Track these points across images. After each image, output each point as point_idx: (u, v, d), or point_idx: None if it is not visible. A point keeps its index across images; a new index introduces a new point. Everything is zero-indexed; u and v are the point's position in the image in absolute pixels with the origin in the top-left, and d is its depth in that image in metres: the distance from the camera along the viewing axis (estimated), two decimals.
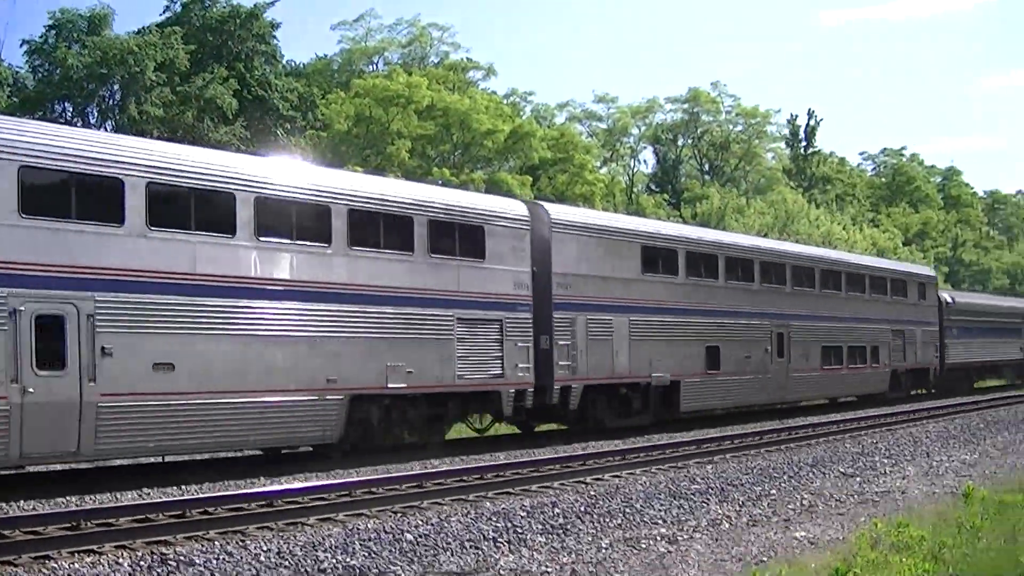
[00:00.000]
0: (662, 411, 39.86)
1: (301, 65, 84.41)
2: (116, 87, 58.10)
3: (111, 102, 59.12)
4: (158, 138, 41.45)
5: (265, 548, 16.51)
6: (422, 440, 30.44)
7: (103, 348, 22.80)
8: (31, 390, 21.54)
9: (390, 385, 29.09)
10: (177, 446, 25.32)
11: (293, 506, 19.85)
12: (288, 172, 28.77)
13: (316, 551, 16.51)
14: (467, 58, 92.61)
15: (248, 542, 16.93)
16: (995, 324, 72.24)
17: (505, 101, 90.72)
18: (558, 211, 37.46)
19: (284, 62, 74.26)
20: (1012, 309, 79.34)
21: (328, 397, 27.42)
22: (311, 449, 29.11)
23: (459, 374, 31.13)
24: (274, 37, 67.48)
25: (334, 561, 16.15)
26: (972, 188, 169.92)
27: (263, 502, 20.04)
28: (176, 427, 24.28)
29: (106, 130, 54.41)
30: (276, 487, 21.73)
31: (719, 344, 42.49)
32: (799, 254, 51.99)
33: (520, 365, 33.09)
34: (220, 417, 25.15)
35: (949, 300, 66.14)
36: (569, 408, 35.38)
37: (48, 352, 22.07)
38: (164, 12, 65.27)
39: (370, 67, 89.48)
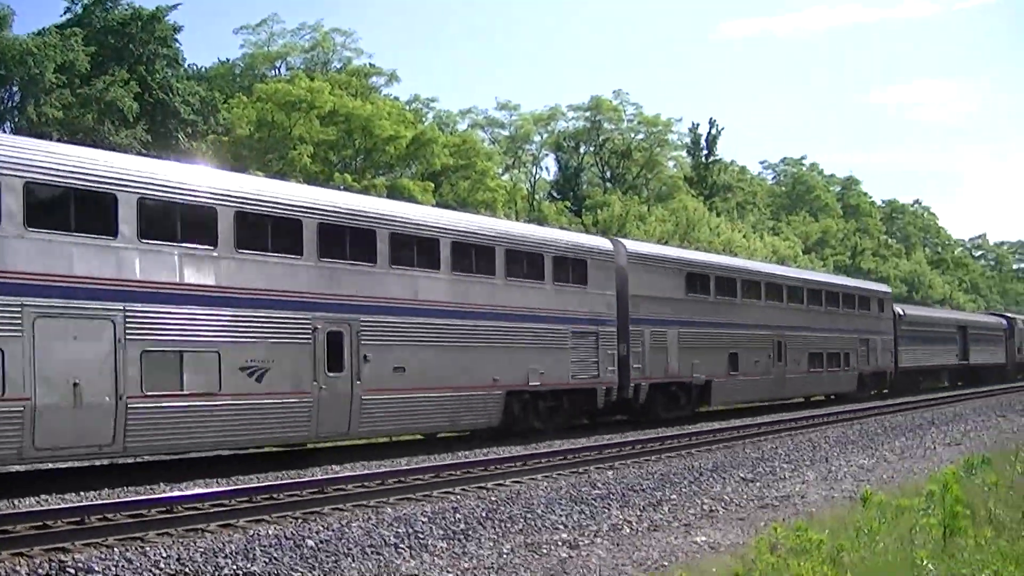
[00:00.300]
0: (698, 405, 49.39)
1: (203, 69, 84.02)
2: (15, 89, 57.46)
3: (10, 104, 58.48)
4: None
5: (165, 555, 16.43)
6: (545, 427, 38.29)
7: (365, 356, 30.71)
8: (323, 387, 29.31)
9: (531, 383, 37.62)
10: (405, 428, 34.19)
11: (193, 512, 19.68)
12: (473, 222, 38.84)
13: (216, 557, 16.45)
14: (370, 64, 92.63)
15: (148, 549, 16.83)
16: (937, 334, 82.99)
17: (407, 107, 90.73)
18: (632, 245, 47.23)
19: (186, 66, 73.83)
20: (949, 320, 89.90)
21: (493, 392, 35.90)
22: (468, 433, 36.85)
23: (572, 375, 39.90)
24: (176, 40, 67.10)
25: (235, 567, 16.11)
26: (870, 197, 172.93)
27: (163, 508, 19.85)
28: (406, 414, 32.45)
29: (3, 131, 53.88)
30: (176, 493, 21.59)
31: (738, 351, 51.36)
32: (793, 277, 63.31)
33: (609, 368, 41.99)
34: (431, 407, 33.33)
35: (901, 313, 76.05)
36: (639, 402, 44.20)
37: (333, 359, 29.78)
38: (65, 13, 64.90)
39: (273, 72, 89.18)
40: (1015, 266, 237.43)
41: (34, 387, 22.72)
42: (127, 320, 24.64)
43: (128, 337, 24.65)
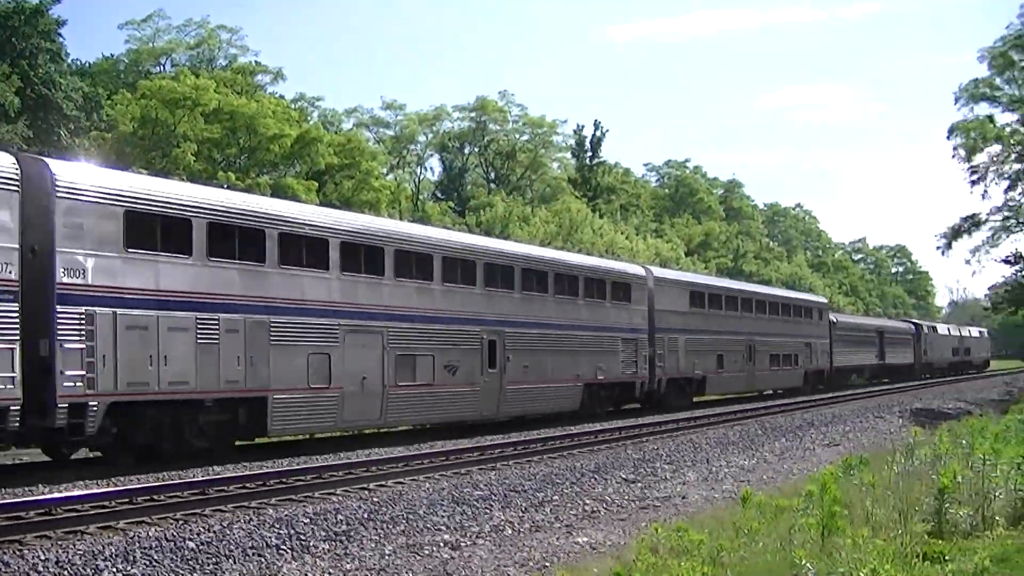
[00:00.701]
0: (694, 396, 59.74)
1: (87, 64, 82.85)
2: None
3: None
4: None
5: (43, 557, 16.24)
6: (603, 410, 49.44)
7: (507, 357, 41.63)
8: (485, 380, 40.48)
9: (598, 377, 48.42)
10: (529, 410, 44.16)
11: (73, 514, 19.38)
12: (560, 257, 52.10)
13: (96, 560, 16.29)
14: (255, 62, 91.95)
15: (25, 551, 16.62)
16: (861, 338, 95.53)
17: (293, 106, 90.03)
18: (659, 272, 60.11)
19: (70, 61, 72.69)
20: (871, 327, 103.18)
21: (576, 384, 46.91)
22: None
23: (621, 371, 50.58)
24: (59, 35, 65.89)
25: (115, 570, 15.98)
26: (753, 200, 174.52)
27: (42, 510, 19.53)
28: (529, 399, 43.69)
29: None
30: (56, 495, 21.23)
31: (723, 353, 62.25)
32: (761, 292, 75.40)
33: (643, 367, 52.69)
34: (542, 395, 44.37)
35: (835, 320, 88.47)
36: (660, 393, 54.59)
37: (491, 360, 40.79)
38: None
39: (157, 68, 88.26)
40: (893, 270, 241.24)
41: (343, 380, 33.22)
42: (388, 334, 35.38)
43: (389, 345, 35.35)
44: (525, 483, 25.93)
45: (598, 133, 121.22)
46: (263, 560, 17.34)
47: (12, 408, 23.77)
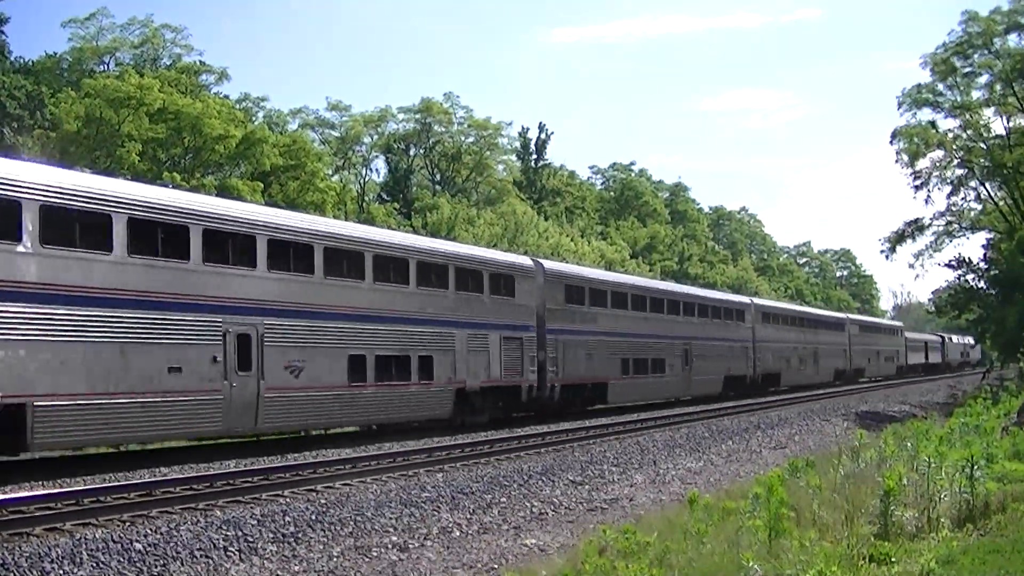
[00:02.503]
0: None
1: (30, 62, 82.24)
2: None
3: None
4: None
5: None
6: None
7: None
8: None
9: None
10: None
11: (18, 516, 19.28)
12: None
13: (43, 562, 16.19)
14: (200, 61, 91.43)
15: None
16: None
17: (237, 106, 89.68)
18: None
19: (12, 59, 72.18)
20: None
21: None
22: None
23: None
24: (1, 32, 65.61)
25: (61, 572, 15.89)
26: (698, 204, 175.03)
27: None
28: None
29: None
30: (1, 496, 21.14)
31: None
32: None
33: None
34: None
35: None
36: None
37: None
38: None
39: (101, 67, 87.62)
40: (838, 273, 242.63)
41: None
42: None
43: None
44: (473, 485, 25.92)
45: (543, 135, 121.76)
46: (210, 562, 17.28)
47: None
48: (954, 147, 78.44)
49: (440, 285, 42.56)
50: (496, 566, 17.63)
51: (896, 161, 79.26)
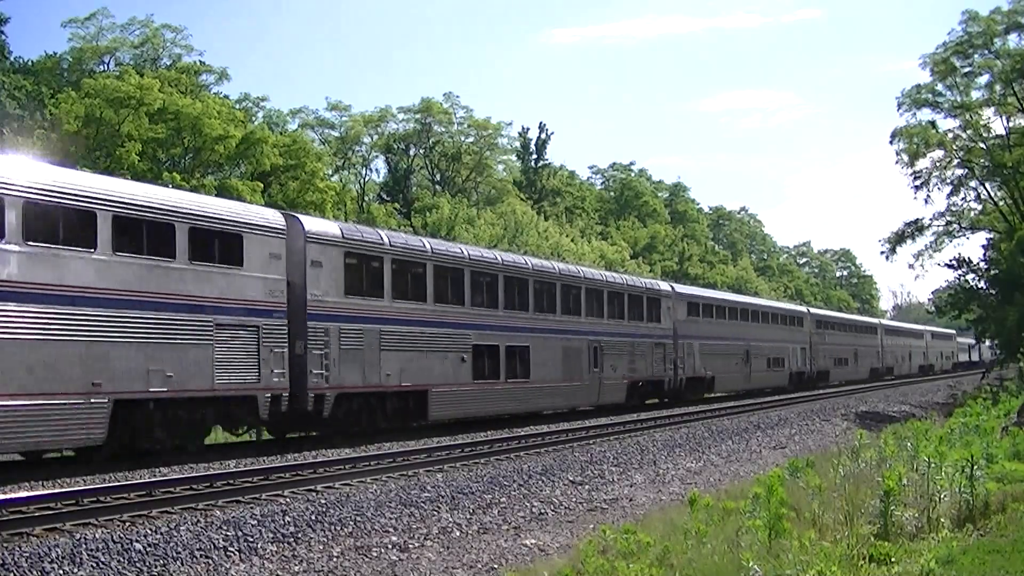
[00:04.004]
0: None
1: (30, 62, 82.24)
2: None
3: None
4: None
5: None
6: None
7: None
8: None
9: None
10: None
11: (18, 515, 19.27)
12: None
13: (42, 562, 16.18)
14: (200, 61, 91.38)
15: None
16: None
17: (237, 106, 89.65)
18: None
19: (12, 59, 72.16)
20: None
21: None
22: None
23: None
24: (1, 32, 65.59)
25: (61, 572, 15.89)
26: (698, 204, 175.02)
27: None
28: None
29: None
30: (0, 496, 21.14)
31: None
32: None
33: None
34: None
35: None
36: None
37: None
38: None
39: (101, 67, 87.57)
40: (838, 273, 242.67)
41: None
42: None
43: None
44: (473, 485, 25.90)
45: (543, 135, 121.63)
46: (210, 562, 17.28)
47: None
48: (954, 147, 78.40)
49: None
50: (496, 566, 17.65)
51: (896, 161, 79.25)
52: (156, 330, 29.30)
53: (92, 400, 27.23)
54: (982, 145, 77.63)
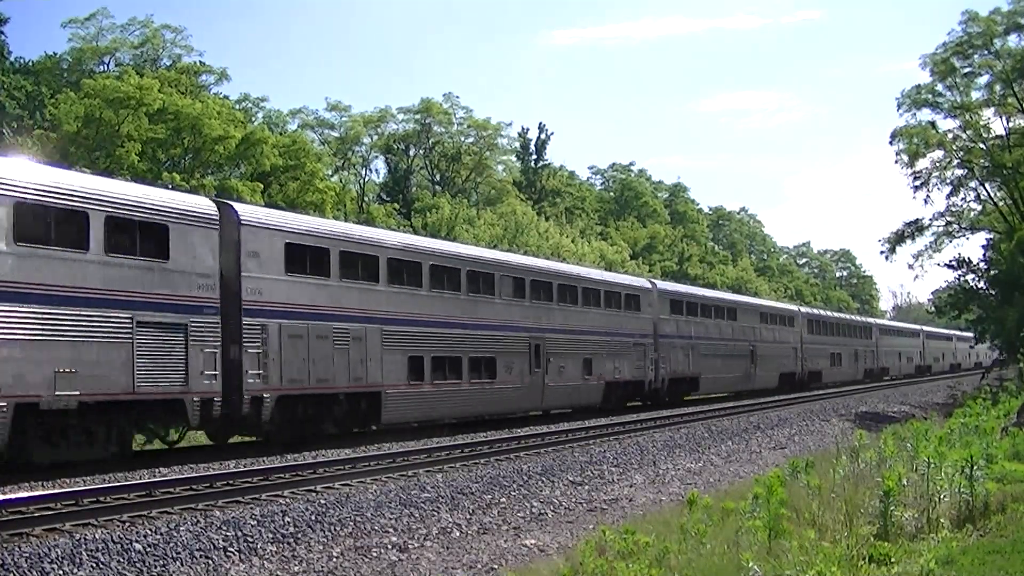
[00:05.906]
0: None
1: (29, 62, 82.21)
2: None
3: None
4: None
5: None
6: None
7: None
8: None
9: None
10: None
11: (18, 516, 19.30)
12: None
13: (42, 562, 16.19)
14: (200, 62, 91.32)
15: None
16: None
17: (237, 107, 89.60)
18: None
19: (12, 59, 72.11)
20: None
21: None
22: None
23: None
24: (1, 32, 65.54)
25: (61, 572, 15.90)
26: (698, 204, 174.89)
27: None
28: None
29: None
30: (0, 496, 21.13)
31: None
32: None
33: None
34: None
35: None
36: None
37: None
38: None
39: (101, 67, 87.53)
40: (838, 274, 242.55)
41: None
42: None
43: None
44: (472, 485, 25.92)
45: (543, 136, 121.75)
46: (210, 562, 17.29)
47: None
48: (954, 147, 78.31)
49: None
50: (496, 566, 17.65)
51: (896, 161, 79.09)
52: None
53: None
54: (982, 145, 77.54)
